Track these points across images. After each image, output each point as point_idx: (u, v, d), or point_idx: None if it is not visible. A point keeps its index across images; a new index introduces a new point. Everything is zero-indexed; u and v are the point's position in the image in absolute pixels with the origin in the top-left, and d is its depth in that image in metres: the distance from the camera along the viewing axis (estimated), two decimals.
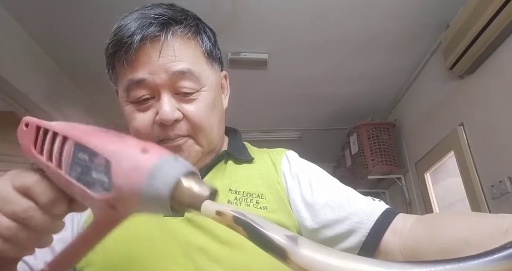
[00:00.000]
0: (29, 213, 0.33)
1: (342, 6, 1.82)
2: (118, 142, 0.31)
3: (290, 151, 0.70)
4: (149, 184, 0.27)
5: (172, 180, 0.28)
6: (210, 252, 0.53)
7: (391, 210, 0.57)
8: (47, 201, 0.34)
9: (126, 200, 0.29)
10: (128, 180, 0.28)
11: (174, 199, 0.28)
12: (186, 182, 0.28)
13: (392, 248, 0.52)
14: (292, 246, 0.23)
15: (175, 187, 0.28)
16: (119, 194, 0.29)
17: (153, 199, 0.28)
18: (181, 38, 0.57)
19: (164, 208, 0.28)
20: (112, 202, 0.30)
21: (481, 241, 0.38)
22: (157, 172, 0.28)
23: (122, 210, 0.31)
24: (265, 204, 0.58)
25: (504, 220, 0.38)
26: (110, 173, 0.29)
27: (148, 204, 0.28)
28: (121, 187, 0.28)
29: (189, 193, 0.28)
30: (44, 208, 0.34)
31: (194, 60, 0.58)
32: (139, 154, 0.29)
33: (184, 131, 0.57)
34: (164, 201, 0.28)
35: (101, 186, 0.30)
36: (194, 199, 0.28)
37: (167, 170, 0.28)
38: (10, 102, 1.92)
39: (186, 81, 0.56)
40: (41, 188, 0.34)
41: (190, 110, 0.57)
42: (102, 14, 1.78)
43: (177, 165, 0.29)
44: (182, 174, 0.28)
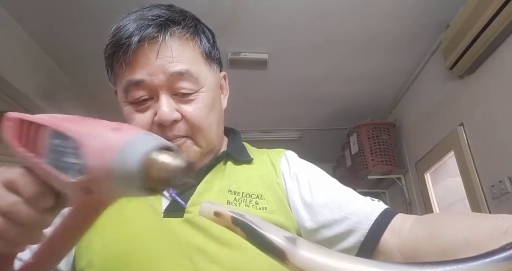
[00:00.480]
0: (15, 207, 0.33)
1: (342, 6, 1.82)
2: (90, 124, 0.30)
3: (289, 151, 0.70)
4: (118, 161, 0.26)
5: (141, 155, 0.26)
6: (210, 252, 0.53)
7: (390, 210, 0.57)
8: (32, 194, 0.33)
9: (100, 182, 0.28)
10: (99, 160, 0.27)
11: (147, 176, 0.26)
12: (158, 156, 0.27)
13: (391, 248, 0.52)
14: (291, 247, 0.23)
15: (146, 162, 0.26)
16: (92, 175, 0.28)
17: (124, 177, 0.26)
18: (179, 39, 0.58)
19: (136, 186, 0.26)
20: (87, 184, 0.29)
21: (481, 242, 0.38)
22: (127, 149, 0.26)
23: (99, 193, 0.29)
24: (264, 204, 0.58)
25: (504, 221, 0.38)
26: (82, 154, 0.28)
27: (121, 183, 0.27)
28: (93, 168, 0.27)
29: (161, 167, 0.26)
30: (30, 201, 0.34)
31: (193, 61, 0.58)
32: (110, 132, 0.28)
33: (182, 132, 0.57)
34: (135, 178, 0.26)
35: (74, 170, 0.29)
36: (167, 173, 0.26)
37: (137, 145, 0.27)
38: (10, 102, 1.92)
39: (184, 82, 0.56)
40: (25, 181, 0.34)
41: (188, 111, 0.57)
42: (102, 14, 1.78)
43: (148, 140, 0.27)
44: (153, 148, 0.27)
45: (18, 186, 0.34)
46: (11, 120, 0.37)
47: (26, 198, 0.33)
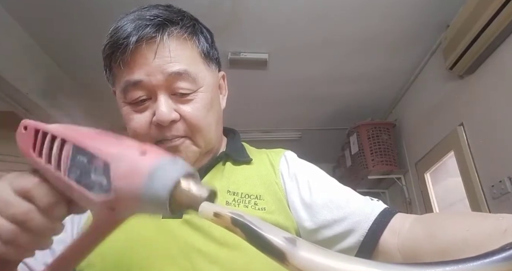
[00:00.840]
0: (29, 216, 0.34)
1: (342, 6, 1.82)
2: (117, 144, 0.31)
3: (288, 151, 0.70)
4: (148, 186, 0.27)
5: (171, 182, 0.28)
6: (209, 253, 0.53)
7: (390, 210, 0.57)
8: (47, 204, 0.34)
9: (126, 202, 0.29)
10: (127, 182, 0.28)
11: (173, 201, 0.28)
12: (185, 184, 0.28)
13: (390, 248, 0.52)
14: (291, 248, 0.23)
15: (174, 189, 0.28)
16: (119, 196, 0.29)
17: (152, 200, 0.28)
18: (177, 39, 0.57)
19: (163, 210, 0.28)
20: (112, 204, 0.30)
21: (480, 242, 0.38)
22: (156, 174, 0.28)
23: (121, 212, 0.31)
24: (264, 205, 0.58)
25: (503, 221, 0.38)
26: (109, 175, 0.29)
27: (147, 205, 0.28)
28: (120, 189, 0.29)
29: (188, 194, 0.28)
30: (44, 210, 0.34)
31: (191, 61, 0.58)
32: (138, 155, 0.29)
33: (181, 132, 0.57)
34: (163, 203, 0.28)
35: (100, 188, 0.30)
36: (192, 200, 0.28)
37: (166, 171, 0.28)
38: (10, 102, 1.92)
39: (182, 82, 0.56)
40: (40, 191, 0.34)
41: (187, 111, 0.57)
42: (102, 14, 1.78)
43: (176, 166, 0.29)
44: (181, 175, 0.28)
45: (34, 195, 0.34)
46: (27, 128, 0.38)
47: (40, 207, 0.34)
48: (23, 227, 0.34)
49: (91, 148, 0.31)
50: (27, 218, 0.34)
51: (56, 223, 0.36)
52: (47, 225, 0.34)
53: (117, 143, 0.31)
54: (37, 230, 0.34)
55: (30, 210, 0.34)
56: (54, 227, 0.36)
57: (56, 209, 0.35)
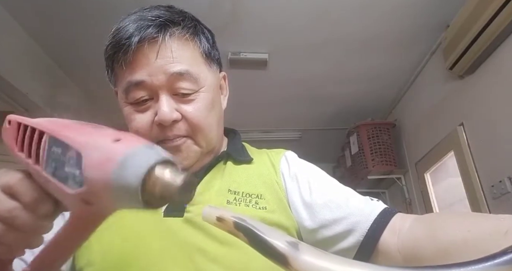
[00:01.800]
0: (13, 213, 0.33)
1: (342, 6, 1.82)
2: (92, 133, 0.29)
3: (289, 151, 0.70)
4: (119, 174, 0.25)
5: (141, 170, 0.25)
6: (209, 252, 0.53)
7: (389, 210, 0.57)
8: (31, 200, 0.33)
9: (99, 194, 0.27)
10: (99, 172, 0.26)
11: (146, 191, 0.26)
12: (158, 171, 0.26)
13: (390, 248, 0.52)
14: (293, 252, 0.23)
15: (146, 178, 0.25)
16: (91, 187, 0.27)
17: (123, 190, 0.25)
18: (178, 39, 0.58)
19: (136, 200, 0.26)
20: (86, 196, 0.28)
21: (481, 243, 0.38)
22: (127, 162, 0.25)
23: (97, 205, 0.29)
24: (264, 204, 0.58)
25: (504, 221, 0.38)
26: (82, 165, 0.27)
27: (120, 197, 0.26)
28: (92, 179, 0.27)
29: (160, 183, 0.26)
30: (29, 207, 0.33)
31: (192, 61, 0.58)
32: (110, 143, 0.27)
33: (182, 132, 0.58)
34: (134, 192, 0.25)
35: (73, 180, 0.28)
36: (165, 189, 0.26)
37: (138, 158, 0.26)
38: (10, 102, 1.92)
39: (184, 82, 0.57)
40: (23, 187, 0.33)
41: (188, 111, 0.57)
42: (102, 14, 1.78)
43: (150, 153, 0.27)
44: (154, 162, 0.26)
45: (17, 191, 0.33)
46: (11, 123, 0.36)
47: (24, 203, 0.33)
48: (8, 225, 0.33)
49: (65, 137, 0.30)
50: (11, 215, 0.33)
51: (43, 221, 0.34)
52: (33, 223, 0.33)
53: (92, 132, 0.30)
54: (23, 227, 0.33)
55: (14, 207, 0.33)
56: (42, 225, 0.34)
57: (41, 206, 0.34)
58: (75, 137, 0.29)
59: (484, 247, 0.37)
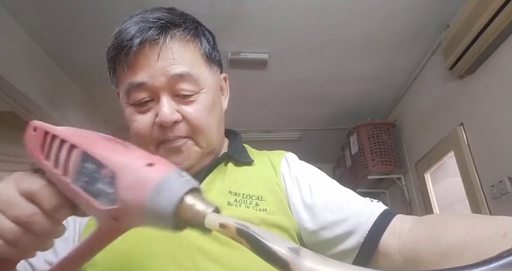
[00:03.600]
0: (33, 218, 0.34)
1: (342, 7, 1.82)
2: (125, 153, 0.31)
3: (289, 153, 0.70)
4: (154, 199, 0.27)
5: (176, 198, 0.28)
6: (210, 252, 0.53)
7: (389, 211, 0.57)
8: (51, 207, 0.34)
9: (130, 214, 0.29)
10: (133, 194, 0.28)
11: (178, 216, 0.28)
12: (190, 200, 0.28)
13: (391, 249, 0.52)
14: (295, 258, 0.24)
15: (179, 204, 0.28)
16: (123, 207, 0.29)
17: (156, 215, 0.28)
18: (180, 41, 0.58)
19: (167, 224, 0.28)
20: (116, 214, 0.30)
21: (480, 245, 0.38)
22: (162, 188, 0.28)
23: (125, 222, 0.31)
24: (265, 206, 0.59)
25: (503, 223, 0.38)
26: (116, 185, 0.29)
27: (151, 219, 0.28)
28: (126, 200, 0.29)
29: (192, 210, 0.28)
30: (48, 213, 0.34)
31: (193, 63, 0.59)
32: (145, 167, 0.29)
33: (183, 133, 0.58)
34: (167, 218, 0.28)
35: (105, 197, 0.30)
36: (197, 216, 0.28)
37: (172, 186, 0.28)
38: (10, 102, 1.92)
39: (185, 83, 0.57)
40: (46, 194, 0.34)
41: (189, 112, 0.58)
42: (101, 14, 1.78)
43: (182, 181, 0.29)
44: (187, 190, 0.28)
45: (39, 197, 0.34)
46: (36, 130, 0.37)
47: (45, 210, 0.34)
48: (26, 229, 0.34)
49: (100, 156, 0.31)
50: (31, 221, 0.34)
51: (58, 226, 0.36)
52: (50, 228, 0.35)
53: (125, 152, 0.31)
54: (40, 232, 0.34)
55: (34, 212, 0.34)
56: (57, 230, 0.36)
57: (60, 212, 0.35)
58: (109, 156, 0.31)
59: (483, 249, 0.37)
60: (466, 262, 0.22)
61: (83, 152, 0.33)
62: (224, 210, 0.57)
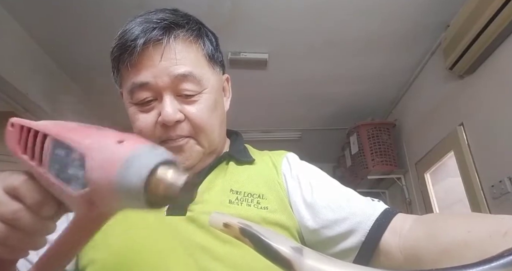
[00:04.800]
0: (17, 214, 0.33)
1: (342, 6, 1.82)
2: (95, 134, 0.30)
3: (290, 153, 0.71)
4: (122, 175, 0.26)
5: (146, 170, 0.26)
6: (212, 250, 0.53)
7: (390, 210, 0.57)
8: (35, 202, 0.34)
9: (102, 194, 0.27)
10: (102, 173, 0.27)
11: (149, 191, 0.26)
12: (161, 172, 0.26)
13: (391, 248, 0.52)
14: (297, 257, 0.24)
15: (150, 179, 0.26)
16: (95, 188, 0.27)
17: (127, 191, 0.26)
18: (183, 41, 0.59)
19: (139, 201, 0.26)
20: (90, 197, 0.28)
21: (481, 243, 0.38)
22: (131, 163, 0.26)
23: (101, 206, 0.29)
24: (266, 204, 0.59)
25: (503, 222, 0.38)
26: (85, 167, 0.28)
27: (124, 197, 0.27)
28: (96, 180, 0.27)
29: (163, 183, 0.26)
30: (32, 209, 0.34)
31: (196, 63, 0.60)
32: (113, 145, 0.27)
33: (185, 132, 0.59)
34: (138, 193, 0.26)
35: (77, 182, 0.29)
36: (167, 189, 0.26)
37: (141, 159, 0.26)
38: (10, 102, 1.92)
39: (187, 83, 0.58)
40: (27, 189, 0.34)
41: (191, 111, 0.58)
42: (101, 15, 1.78)
43: (153, 154, 0.27)
44: (157, 162, 0.27)
45: (21, 193, 0.34)
46: (13, 126, 0.37)
47: (28, 205, 0.34)
48: (12, 226, 0.33)
49: (68, 139, 0.30)
50: (15, 217, 0.33)
51: (47, 222, 0.35)
52: (36, 224, 0.34)
53: (95, 134, 0.30)
54: (26, 229, 0.34)
55: (18, 209, 0.33)
56: (45, 227, 0.35)
57: (45, 207, 0.34)
58: (78, 139, 0.30)
59: (484, 248, 0.38)
60: (467, 260, 0.22)
61: (53, 139, 0.32)
62: (226, 208, 0.57)
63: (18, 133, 0.36)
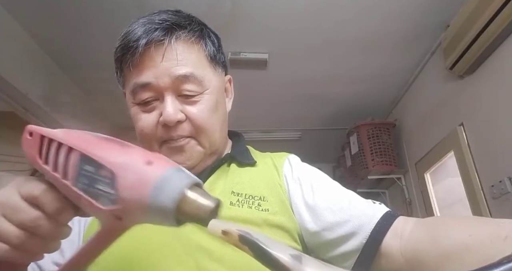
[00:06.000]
0: (37, 222, 0.34)
1: (342, 6, 1.82)
2: (123, 152, 0.31)
3: (292, 155, 0.71)
4: (155, 197, 0.28)
5: (177, 193, 0.28)
6: (212, 251, 0.53)
7: (392, 213, 0.57)
8: (55, 210, 0.35)
9: (132, 212, 0.29)
10: (134, 192, 0.29)
11: (180, 212, 0.28)
12: (191, 195, 0.29)
13: (393, 251, 0.52)
14: (297, 265, 0.24)
15: (180, 200, 0.28)
16: (125, 206, 0.29)
17: (159, 211, 0.28)
18: (184, 42, 0.60)
19: (169, 220, 0.28)
20: (118, 213, 0.30)
21: (481, 247, 0.39)
22: (162, 185, 0.28)
23: (127, 221, 0.31)
24: (267, 206, 0.59)
25: (504, 227, 0.39)
26: (116, 185, 0.29)
27: (154, 216, 0.29)
28: (127, 199, 0.29)
29: (194, 205, 0.29)
30: (52, 216, 0.35)
31: (197, 64, 0.60)
32: (144, 166, 0.29)
33: (186, 132, 0.59)
34: (169, 214, 0.28)
35: (107, 198, 0.30)
36: (199, 211, 0.29)
37: (172, 182, 0.28)
38: (10, 102, 1.92)
39: (189, 84, 0.58)
40: (48, 198, 0.35)
41: (192, 112, 0.59)
42: (101, 14, 1.78)
43: (182, 177, 0.29)
44: (187, 186, 0.29)
45: (42, 201, 0.35)
46: (32, 134, 0.37)
47: (48, 213, 0.35)
48: (31, 233, 0.34)
49: (98, 157, 0.31)
50: (35, 224, 0.34)
51: (63, 228, 0.36)
52: (54, 230, 0.35)
53: (124, 152, 0.32)
54: (45, 235, 0.35)
55: (38, 216, 0.34)
56: (62, 232, 0.36)
57: (63, 215, 0.35)
58: (107, 156, 0.31)
59: (484, 252, 0.38)
60: (467, 264, 0.22)
61: (81, 154, 0.33)
62: (227, 210, 0.57)
63: (38, 143, 0.37)
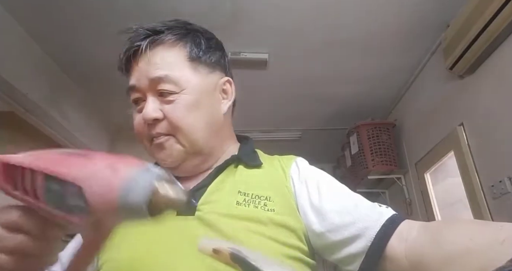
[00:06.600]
0: (23, 245, 0.35)
1: (342, 6, 1.82)
2: (85, 165, 0.32)
3: (300, 158, 0.72)
4: (124, 200, 0.28)
5: (145, 192, 0.29)
6: None
7: (397, 216, 0.57)
8: (38, 231, 0.35)
9: (107, 218, 0.30)
10: (103, 200, 0.29)
11: (152, 207, 0.29)
12: (158, 190, 0.29)
13: (397, 254, 0.53)
14: None
15: (150, 198, 0.29)
16: (98, 214, 0.30)
17: (131, 212, 0.29)
18: (162, 46, 0.64)
19: (144, 217, 0.29)
20: (94, 222, 0.31)
21: (481, 251, 0.40)
22: (129, 188, 0.29)
23: (106, 226, 0.32)
24: (273, 206, 0.60)
25: (502, 231, 0.39)
26: (85, 197, 0.30)
27: (127, 217, 0.30)
28: (98, 207, 0.30)
29: (165, 199, 0.29)
30: (37, 237, 0.35)
31: (173, 67, 0.64)
32: (108, 173, 0.30)
33: (164, 130, 0.63)
34: (142, 212, 0.29)
35: (80, 210, 0.31)
36: (169, 202, 0.29)
37: (138, 182, 0.29)
38: (10, 102, 1.92)
39: (165, 84, 0.62)
40: (28, 221, 0.35)
41: (169, 111, 0.62)
42: (102, 14, 1.78)
43: (147, 175, 0.30)
44: (152, 182, 0.29)
45: (22, 226, 0.35)
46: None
47: (32, 234, 0.35)
48: (21, 255, 0.35)
49: (61, 174, 0.32)
50: (22, 247, 0.35)
51: (54, 243, 0.37)
52: (44, 247, 0.36)
53: (87, 163, 0.32)
54: (36, 254, 0.36)
55: (22, 240, 0.35)
56: (54, 247, 0.37)
57: (48, 232, 0.36)
58: (71, 172, 0.32)
59: (484, 256, 0.39)
60: (469, 268, 0.22)
61: (45, 175, 0.33)
62: (233, 209, 0.58)
63: (3, 171, 0.37)
